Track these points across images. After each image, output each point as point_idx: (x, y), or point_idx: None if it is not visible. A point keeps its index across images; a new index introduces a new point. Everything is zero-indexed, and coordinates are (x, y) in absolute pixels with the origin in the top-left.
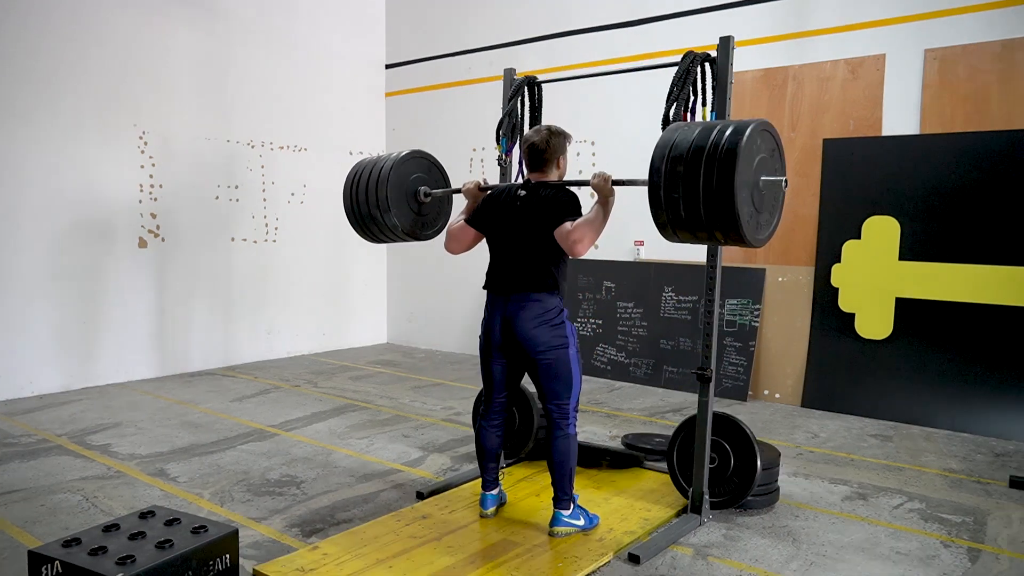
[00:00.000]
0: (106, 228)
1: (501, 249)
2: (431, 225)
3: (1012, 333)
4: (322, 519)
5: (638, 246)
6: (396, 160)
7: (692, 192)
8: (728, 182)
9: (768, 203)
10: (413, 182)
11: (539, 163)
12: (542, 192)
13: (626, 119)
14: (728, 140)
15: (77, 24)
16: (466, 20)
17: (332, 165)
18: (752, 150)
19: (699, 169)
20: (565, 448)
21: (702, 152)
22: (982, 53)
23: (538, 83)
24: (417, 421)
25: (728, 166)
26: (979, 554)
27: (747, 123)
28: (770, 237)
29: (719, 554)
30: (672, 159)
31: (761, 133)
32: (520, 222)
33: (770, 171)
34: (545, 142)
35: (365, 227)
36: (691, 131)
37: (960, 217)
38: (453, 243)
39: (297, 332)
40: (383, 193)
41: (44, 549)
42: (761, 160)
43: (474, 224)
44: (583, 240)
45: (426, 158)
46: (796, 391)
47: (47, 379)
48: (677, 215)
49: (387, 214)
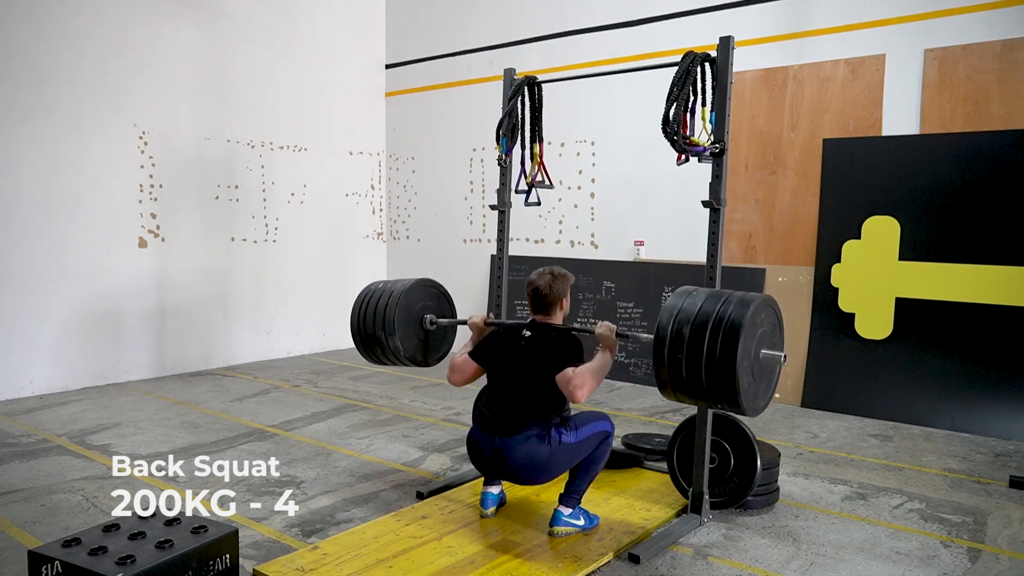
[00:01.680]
0: (106, 228)
1: (499, 385)
2: (434, 352)
3: (1012, 333)
4: (322, 519)
5: (638, 246)
6: (404, 288)
7: (695, 359)
8: (731, 354)
9: (765, 374)
10: (420, 309)
11: (543, 307)
12: (547, 334)
13: (626, 119)
14: (733, 313)
15: (77, 24)
16: (466, 20)
17: (332, 165)
18: (755, 324)
19: (703, 339)
20: (603, 452)
21: (707, 321)
22: (982, 53)
23: (538, 83)
24: (417, 421)
25: (732, 339)
26: (979, 554)
27: (752, 298)
28: (766, 407)
29: (719, 554)
30: (678, 324)
31: (765, 308)
32: (522, 363)
33: (770, 345)
34: (549, 287)
35: (369, 349)
36: (698, 299)
37: (960, 217)
38: (456, 375)
39: (297, 332)
40: (390, 317)
41: (44, 549)
42: (762, 334)
43: (477, 358)
44: (584, 386)
45: (435, 287)
46: (796, 391)
47: (47, 379)
48: (679, 378)
49: (392, 337)
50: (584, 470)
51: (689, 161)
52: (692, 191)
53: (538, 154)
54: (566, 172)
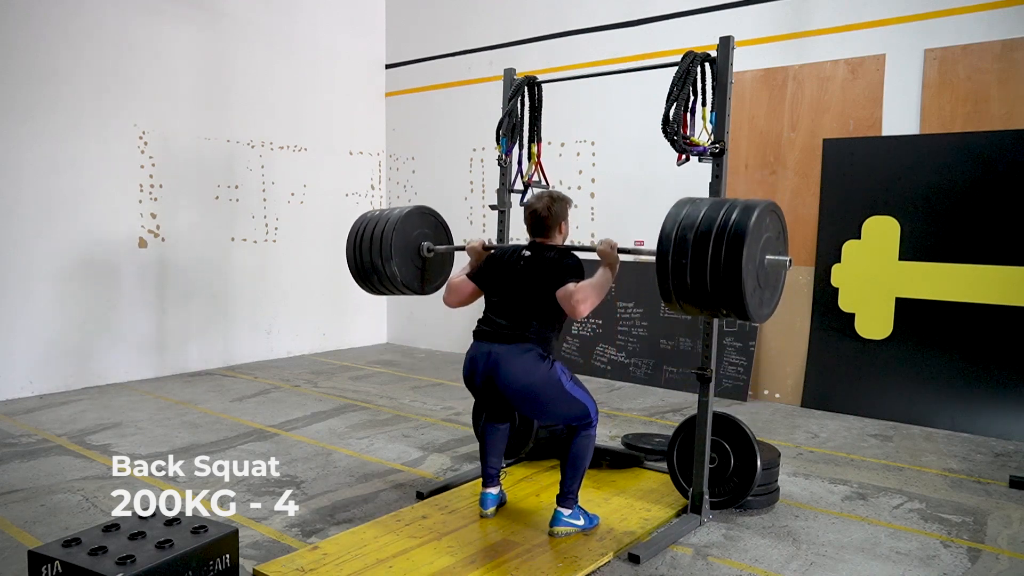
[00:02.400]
0: (106, 228)
1: (497, 304)
2: (431, 281)
3: (1012, 333)
4: (322, 519)
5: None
6: (401, 215)
7: (699, 267)
8: (736, 261)
9: (771, 281)
10: (417, 237)
11: (541, 229)
12: (547, 254)
13: (626, 119)
14: (737, 220)
15: (77, 23)
16: (466, 20)
17: (332, 165)
18: (760, 230)
19: (708, 246)
20: (585, 447)
21: (711, 229)
22: (982, 53)
23: (538, 83)
24: (417, 421)
25: (736, 245)
26: (979, 554)
27: (756, 203)
28: (771, 314)
29: (719, 554)
30: (681, 233)
31: (769, 213)
32: (522, 281)
33: (775, 250)
34: (547, 209)
35: (366, 278)
36: (700, 207)
37: (960, 217)
38: (452, 295)
39: (297, 332)
40: (387, 245)
41: (44, 549)
42: (767, 239)
43: (475, 279)
44: (586, 301)
45: (431, 215)
46: (796, 391)
47: (47, 379)
48: (683, 288)
49: (388, 264)
50: (572, 468)
51: (689, 161)
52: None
53: (536, 154)
54: (566, 172)
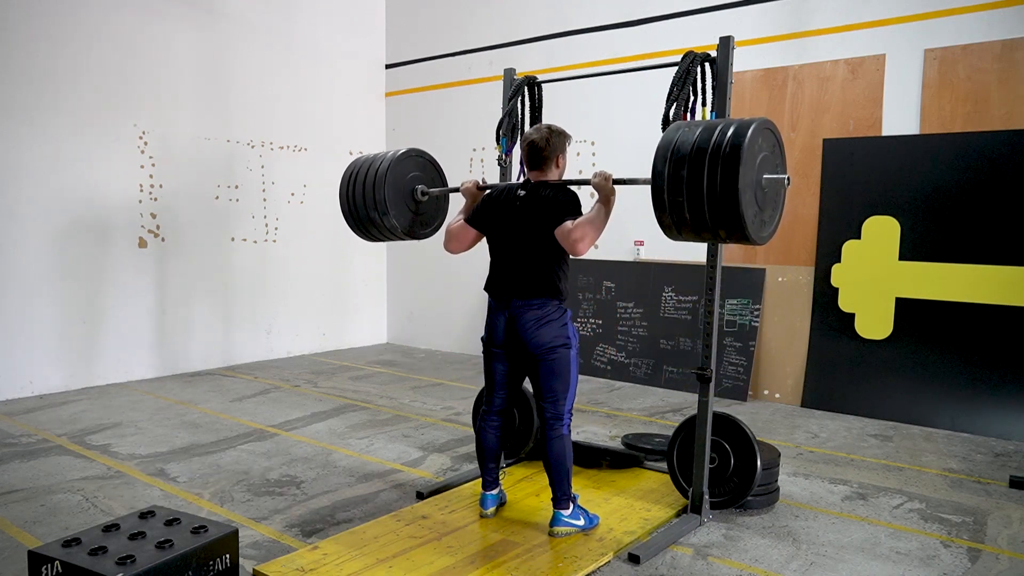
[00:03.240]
0: (106, 228)
1: (502, 250)
2: (428, 224)
3: (1012, 333)
4: (322, 519)
5: (638, 246)
6: (392, 159)
7: (696, 193)
8: (732, 182)
9: (770, 201)
10: (410, 181)
11: (538, 161)
12: (542, 192)
13: (626, 119)
14: (731, 140)
15: (77, 24)
16: (466, 20)
17: (332, 165)
18: (754, 149)
19: (702, 170)
20: (560, 449)
21: (705, 153)
22: (982, 53)
23: (538, 83)
24: (417, 421)
25: (732, 166)
26: (979, 554)
27: (749, 122)
28: (773, 234)
29: (719, 554)
30: (674, 160)
31: (763, 132)
32: (520, 222)
33: (772, 169)
34: (545, 140)
35: (362, 227)
36: (693, 131)
37: (960, 217)
38: (453, 243)
39: (297, 332)
40: (380, 193)
41: (44, 549)
42: (763, 159)
43: (474, 224)
44: (584, 239)
45: (422, 156)
46: (796, 391)
47: (47, 379)
48: (682, 217)
49: (385, 215)
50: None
51: None
52: None
53: None
54: (566, 172)
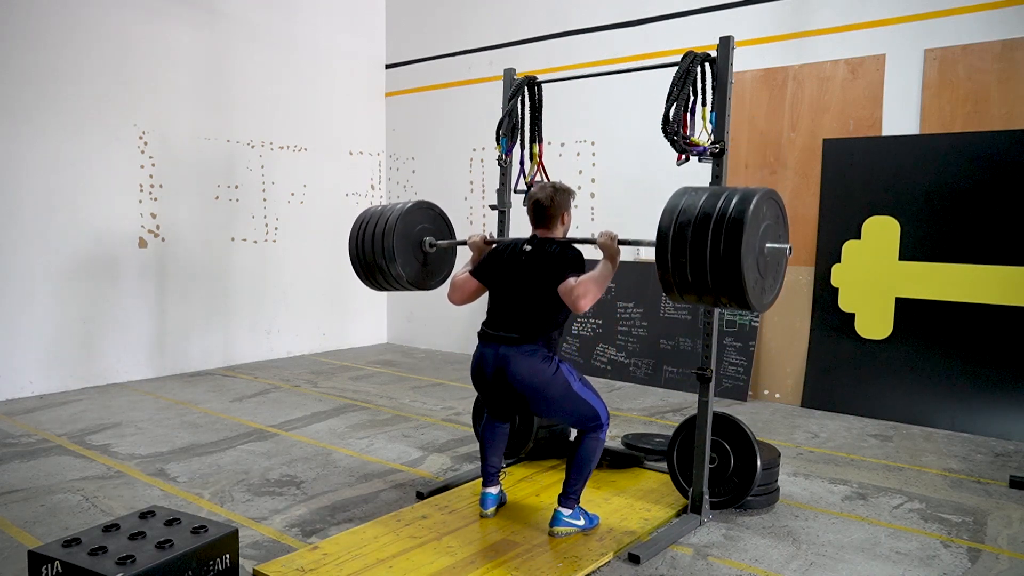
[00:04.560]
0: (106, 228)
1: (501, 300)
2: (435, 275)
3: (1012, 333)
4: (322, 519)
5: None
6: (403, 210)
7: (699, 256)
8: (735, 250)
9: (772, 269)
10: (419, 232)
11: (544, 220)
12: (548, 247)
13: (626, 119)
14: (735, 208)
15: (77, 24)
16: (466, 20)
17: (332, 165)
18: (758, 218)
19: (706, 235)
20: (593, 449)
21: (709, 219)
22: (982, 53)
23: (538, 83)
24: (417, 421)
25: (735, 234)
26: (979, 554)
27: (754, 191)
28: (773, 302)
29: (719, 554)
30: (679, 224)
31: (767, 201)
32: (524, 276)
33: (774, 238)
34: (550, 199)
35: (370, 274)
36: (699, 196)
37: (960, 217)
38: (456, 293)
39: (297, 332)
40: (389, 241)
41: (44, 549)
42: (766, 227)
43: (478, 276)
44: (587, 295)
45: (432, 208)
46: (796, 391)
47: (47, 379)
48: (684, 279)
49: (392, 263)
50: (578, 469)
51: (689, 161)
52: None
53: (537, 154)
54: (566, 172)
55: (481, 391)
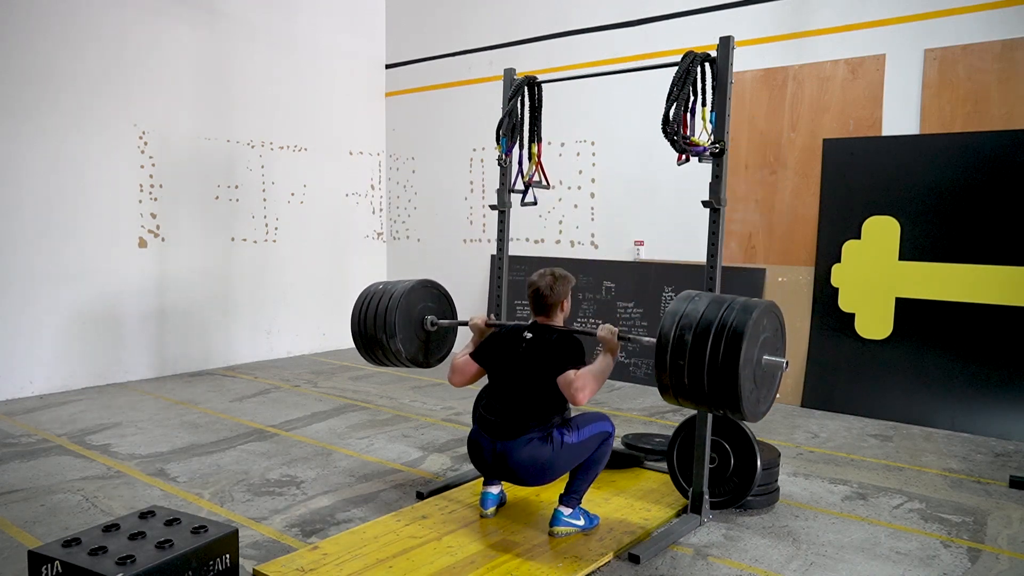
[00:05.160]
0: (106, 228)
1: (501, 387)
2: (435, 354)
3: (1012, 333)
4: (322, 519)
5: (638, 246)
6: (406, 288)
7: (697, 363)
8: (734, 360)
9: (767, 381)
10: (420, 311)
11: (544, 309)
12: (549, 336)
13: (626, 119)
14: (736, 319)
15: (77, 24)
16: (466, 20)
17: (332, 165)
18: (758, 330)
19: (707, 343)
20: (603, 452)
21: (710, 327)
22: (982, 53)
23: (538, 83)
24: (417, 421)
25: (735, 345)
26: (979, 554)
27: (755, 304)
28: (767, 412)
29: (719, 554)
30: (681, 329)
31: (768, 314)
32: (523, 364)
33: (772, 351)
34: (549, 288)
35: (370, 350)
36: (701, 303)
37: (960, 217)
38: (456, 376)
39: (297, 332)
40: (391, 319)
41: (44, 549)
42: (765, 339)
43: (478, 359)
44: (585, 389)
45: (436, 288)
46: (796, 391)
47: (47, 379)
48: (680, 381)
49: (393, 339)
50: (585, 470)
51: (689, 161)
52: (692, 191)
53: (536, 154)
54: (566, 172)
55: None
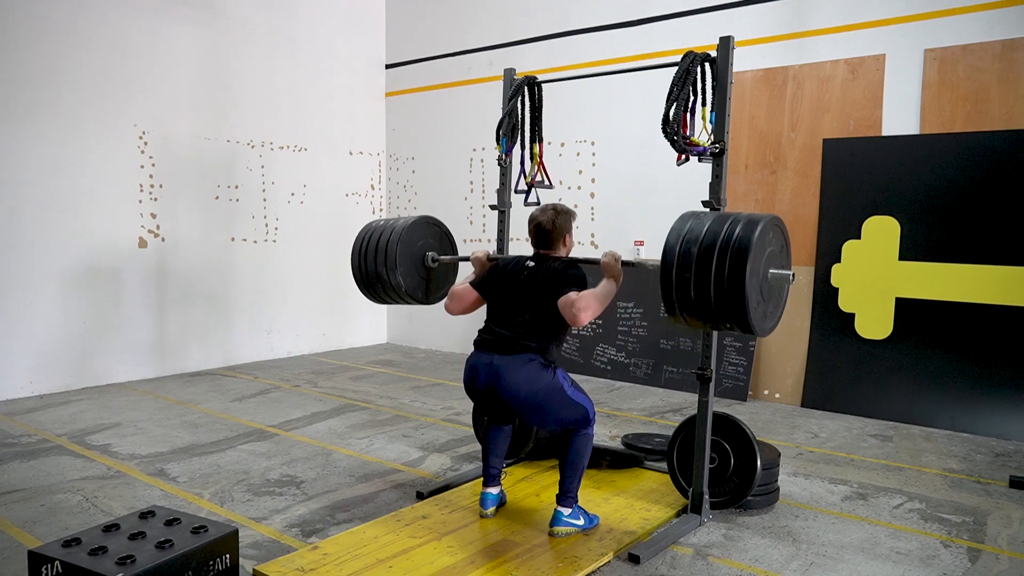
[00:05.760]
0: (106, 228)
1: (500, 312)
2: (436, 291)
3: (1012, 333)
4: (322, 519)
5: (638, 246)
6: (406, 224)
7: (703, 279)
8: (740, 274)
9: (774, 294)
10: (421, 247)
11: (546, 242)
12: (552, 263)
13: (626, 119)
14: (741, 234)
15: (77, 24)
16: (466, 20)
17: (332, 165)
18: (763, 244)
19: (712, 259)
20: (582, 445)
21: (715, 242)
22: (982, 53)
23: (538, 83)
24: (417, 421)
25: (740, 259)
26: (979, 554)
27: (759, 218)
28: (775, 327)
29: (719, 554)
30: (685, 246)
31: (772, 228)
32: (525, 289)
33: (778, 264)
34: (551, 223)
35: (370, 287)
36: (704, 222)
37: (960, 217)
38: (454, 303)
39: (297, 332)
40: (392, 253)
41: (44, 549)
42: (770, 254)
43: (478, 288)
44: (587, 310)
45: (437, 225)
46: (796, 391)
47: (47, 379)
48: (687, 297)
49: (393, 273)
50: (572, 467)
51: (689, 161)
52: (692, 191)
53: (538, 154)
54: (566, 172)
55: (474, 400)
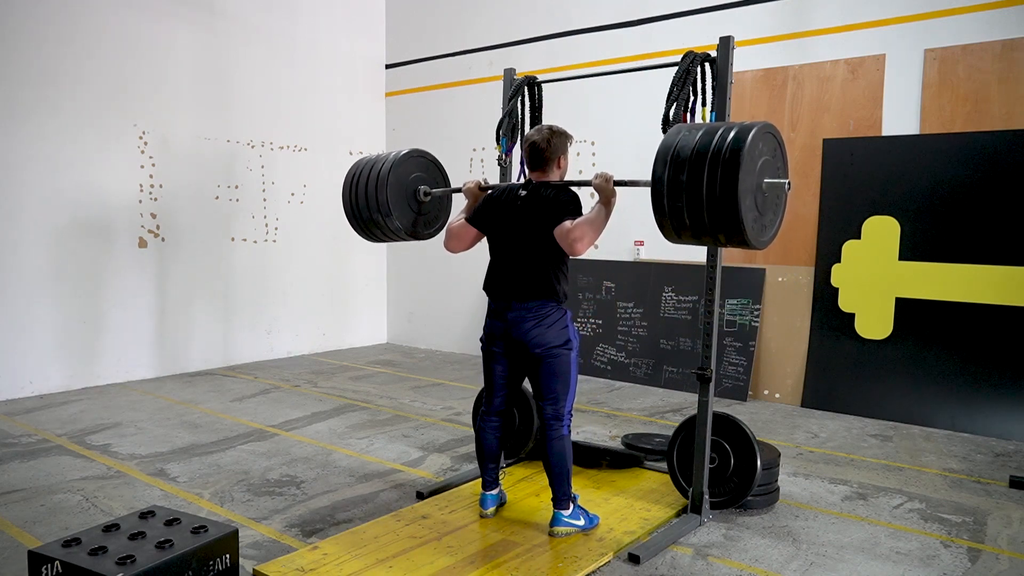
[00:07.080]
0: (106, 228)
1: (501, 250)
2: (431, 224)
3: (1012, 333)
4: (322, 519)
5: (638, 246)
6: (395, 160)
7: (695, 198)
8: (732, 187)
9: (771, 205)
10: (412, 181)
11: (540, 162)
12: (543, 192)
13: (626, 119)
14: (731, 144)
15: (77, 24)
16: (466, 20)
17: (332, 165)
18: (755, 153)
19: (702, 174)
20: (560, 449)
21: (705, 156)
22: (982, 53)
23: (538, 83)
24: (417, 421)
25: (732, 171)
26: (979, 554)
27: (750, 126)
28: (773, 239)
29: (719, 554)
30: (674, 164)
31: (764, 136)
32: (521, 221)
33: (773, 173)
34: (546, 141)
35: (365, 228)
36: (693, 135)
37: (960, 217)
38: (454, 241)
39: (297, 332)
40: (383, 194)
41: (44, 549)
42: (764, 163)
43: (474, 223)
44: (583, 239)
45: (425, 156)
46: (796, 391)
47: (47, 379)
48: (681, 221)
49: (388, 217)
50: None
51: None
52: None
53: None
54: (568, 172)
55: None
